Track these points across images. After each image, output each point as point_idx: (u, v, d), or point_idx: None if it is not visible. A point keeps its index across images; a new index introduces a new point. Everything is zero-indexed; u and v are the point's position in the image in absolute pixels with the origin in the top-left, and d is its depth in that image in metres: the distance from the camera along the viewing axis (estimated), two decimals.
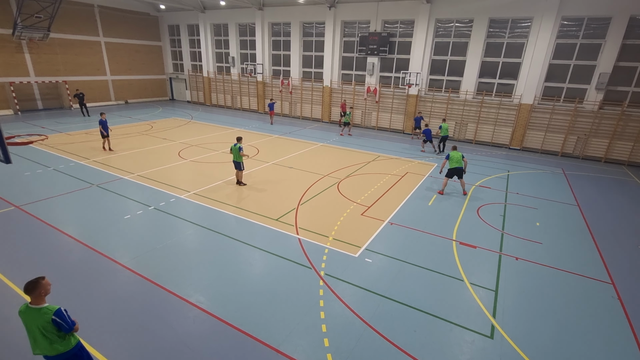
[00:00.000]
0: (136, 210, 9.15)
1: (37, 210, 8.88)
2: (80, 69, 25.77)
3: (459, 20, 18.58)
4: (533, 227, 9.19)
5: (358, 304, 5.92)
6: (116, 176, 11.59)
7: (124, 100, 29.21)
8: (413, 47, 19.92)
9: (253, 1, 23.77)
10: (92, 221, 8.51)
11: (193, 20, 28.39)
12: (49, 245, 7.40)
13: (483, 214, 9.81)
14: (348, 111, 20.49)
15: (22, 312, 3.54)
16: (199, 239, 7.92)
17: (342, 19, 21.83)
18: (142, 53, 29.84)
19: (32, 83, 23.25)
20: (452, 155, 10.96)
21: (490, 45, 18.18)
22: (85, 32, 25.54)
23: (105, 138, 14.29)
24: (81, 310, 5.50)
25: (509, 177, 13.36)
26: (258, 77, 26.26)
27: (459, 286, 6.55)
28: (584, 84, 16.54)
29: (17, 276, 6.30)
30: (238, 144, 10.70)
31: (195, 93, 31.04)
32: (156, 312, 5.56)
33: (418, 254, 7.60)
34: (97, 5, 25.72)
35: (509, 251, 7.91)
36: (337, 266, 6.98)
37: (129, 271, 6.59)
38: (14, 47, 22.07)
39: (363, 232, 8.47)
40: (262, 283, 6.44)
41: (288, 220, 8.93)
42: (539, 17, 16.38)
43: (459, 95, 19.45)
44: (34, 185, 10.58)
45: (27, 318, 3.52)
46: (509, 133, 18.56)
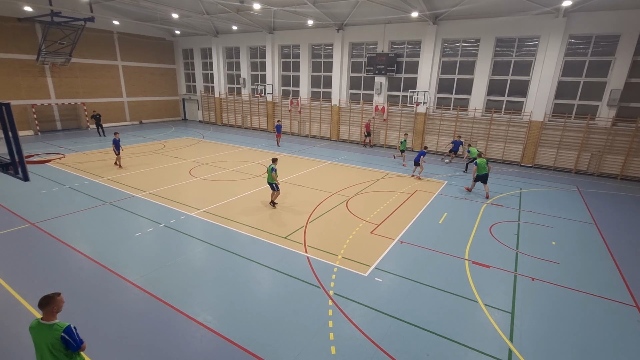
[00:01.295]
0: (147, 228, 9.23)
1: (52, 228, 9.04)
2: (98, 91, 26.78)
3: (466, 40, 18.82)
4: (549, 246, 8.92)
5: (368, 325, 5.77)
6: (129, 194, 11.79)
7: (139, 121, 30.08)
8: (420, 67, 20.17)
9: (264, 25, 24.61)
10: (104, 238, 8.61)
11: (206, 44, 29.45)
12: (61, 262, 7.48)
13: (496, 233, 9.59)
14: (403, 138, 17.93)
15: (32, 328, 3.54)
16: (207, 257, 7.91)
17: (350, 40, 22.35)
18: (157, 75, 30.93)
19: (52, 105, 24.21)
20: (479, 162, 12.19)
21: (498, 63, 18.30)
22: (104, 56, 26.70)
23: (117, 156, 15.04)
24: (90, 327, 5.49)
25: (521, 195, 13.12)
26: (268, 98, 26.82)
27: (473, 308, 6.34)
28: (596, 100, 16.39)
29: (29, 293, 6.36)
30: (272, 164, 10.64)
31: (207, 113, 31.80)
32: (164, 331, 5.50)
33: (430, 273, 7.42)
34: (116, 32, 26.97)
35: (525, 271, 7.67)
36: (347, 285, 6.85)
37: (138, 289, 6.58)
38: (38, 72, 23.15)
39: (373, 250, 8.34)
40: (270, 302, 6.34)
41: (297, 238, 8.87)
42: (545, 36, 16.49)
43: (468, 113, 19.46)
44: (49, 202, 10.82)
45: (36, 334, 3.51)
46: (520, 150, 18.37)
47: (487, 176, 12.44)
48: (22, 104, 22.49)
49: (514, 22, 17.06)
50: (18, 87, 22.37)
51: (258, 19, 23.68)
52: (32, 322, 3.58)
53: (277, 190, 10.86)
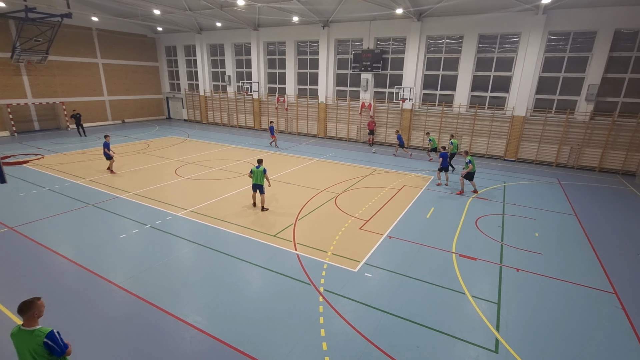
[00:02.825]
0: (132, 229, 9.04)
1: (32, 232, 8.75)
2: (78, 90, 25.97)
3: (450, 36, 19.06)
4: (532, 238, 9.16)
5: (359, 320, 5.81)
6: (112, 195, 11.51)
7: (121, 120, 29.34)
8: (406, 63, 20.32)
9: (248, 22, 24.31)
10: (87, 241, 8.39)
11: (190, 41, 28.91)
12: (42, 266, 7.25)
13: (482, 226, 9.78)
14: (432, 136, 17.99)
15: (13, 335, 3.43)
16: (195, 257, 7.81)
17: (336, 37, 22.32)
18: (139, 73, 30.19)
19: (29, 105, 23.35)
20: (473, 160, 12.13)
21: (481, 60, 18.60)
22: (83, 54, 25.88)
23: (110, 160, 13.99)
24: (75, 332, 5.35)
25: (505, 188, 13.41)
26: (254, 95, 26.57)
27: (461, 299, 6.46)
28: (574, 95, 16.87)
29: (8, 299, 6.15)
30: (261, 166, 10.28)
31: (192, 111, 31.28)
32: (152, 334, 5.41)
33: (418, 267, 7.52)
34: (95, 29, 26.17)
35: (510, 262, 7.85)
36: (337, 282, 6.88)
37: (124, 291, 6.45)
38: (12, 70, 22.27)
39: (362, 246, 8.40)
40: (260, 301, 6.31)
41: (286, 236, 8.85)
42: (526, 33, 16.84)
43: (453, 109, 19.73)
44: (28, 205, 10.47)
45: (18, 341, 3.40)
46: (504, 145, 18.76)
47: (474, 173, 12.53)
48: None
49: (496, 19, 17.36)
50: None
51: (242, 15, 23.36)
52: (13, 328, 3.46)
53: (263, 192, 10.55)
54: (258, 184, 10.31)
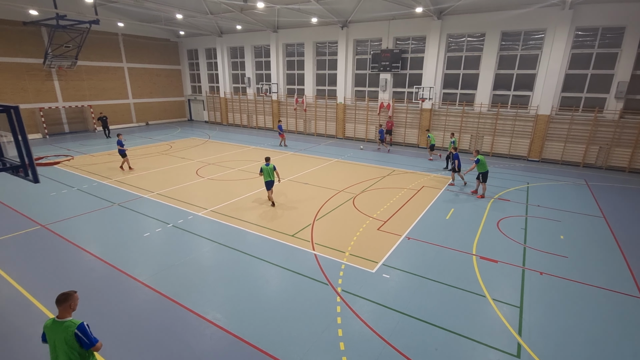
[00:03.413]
0: (155, 228, 9.34)
1: (62, 229, 9.18)
2: (105, 94, 27.04)
3: (471, 34, 18.66)
4: (557, 241, 8.85)
5: (376, 320, 5.79)
6: (137, 195, 11.92)
7: (145, 122, 30.32)
8: (425, 63, 20.05)
9: (268, 24, 24.62)
10: (113, 239, 8.73)
11: (211, 44, 29.55)
12: (72, 263, 7.61)
13: (503, 227, 9.54)
14: (431, 134, 18.10)
15: (47, 327, 3.58)
16: (215, 256, 7.99)
17: (355, 37, 22.28)
18: (162, 77, 31.12)
19: (59, 108, 24.50)
20: (482, 159, 11.61)
21: (504, 57, 18.12)
22: (109, 59, 26.92)
23: (124, 159, 14.77)
24: (102, 326, 5.58)
25: (528, 189, 13.00)
26: (273, 97, 26.86)
27: (481, 302, 6.33)
28: (603, 93, 16.17)
29: (41, 294, 6.48)
30: (270, 163, 10.68)
31: (213, 113, 31.96)
32: (173, 329, 5.58)
33: (437, 269, 7.42)
34: (121, 34, 27.17)
35: (533, 265, 7.62)
36: (354, 282, 6.88)
37: (148, 288, 6.67)
38: (44, 75, 23.43)
39: (380, 247, 8.35)
40: (278, 300, 6.39)
41: (304, 236, 8.91)
42: (552, 29, 16.29)
43: (474, 108, 19.31)
44: (59, 204, 10.99)
45: (51, 332, 3.53)
46: (527, 144, 18.19)
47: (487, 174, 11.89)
48: (30, 108, 22.81)
49: (520, 15, 16.86)
50: (25, 91, 22.66)
51: (262, 18, 23.69)
52: (47, 321, 3.62)
53: (271, 188, 10.85)
54: (269, 180, 10.67)
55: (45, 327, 3.59)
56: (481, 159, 11.65)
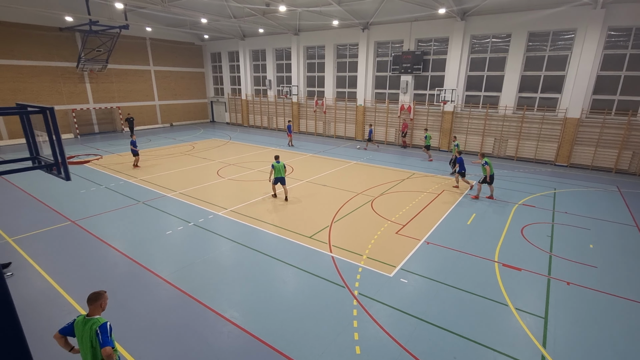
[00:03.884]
0: (177, 226, 9.59)
1: (90, 225, 9.58)
2: (132, 96, 28.09)
3: (496, 35, 18.19)
4: (586, 250, 8.46)
5: (393, 325, 5.71)
6: (160, 194, 12.28)
7: (170, 123, 31.26)
8: (448, 64, 19.70)
9: (289, 27, 24.89)
10: (137, 236, 9.02)
11: (233, 47, 30.16)
12: (98, 258, 7.92)
13: (528, 234, 9.21)
14: (428, 133, 18.43)
15: (77, 323, 3.67)
16: (234, 255, 8.11)
17: (376, 39, 22.17)
18: (187, 79, 32.02)
19: (90, 109, 25.65)
20: (490, 162, 11.63)
21: (531, 59, 17.55)
22: (137, 62, 27.97)
23: (136, 157, 15.83)
24: (124, 320, 5.78)
25: (555, 195, 12.51)
26: (293, 99, 27.09)
27: (503, 311, 6.13)
28: (638, 95, 15.37)
29: (70, 286, 6.78)
30: (281, 161, 11.41)
31: (234, 115, 32.57)
32: (192, 326, 5.70)
33: (457, 275, 7.24)
34: (149, 38, 28.18)
35: (559, 275, 7.32)
36: (372, 286, 6.82)
37: (169, 285, 6.85)
38: (77, 78, 24.60)
39: (398, 251, 8.25)
40: (295, 300, 6.42)
41: (321, 237, 8.92)
42: (583, 29, 15.64)
43: (498, 111, 18.79)
44: (87, 201, 11.48)
45: (80, 329, 3.63)
46: (554, 149, 17.52)
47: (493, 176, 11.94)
48: (63, 109, 23.99)
49: (548, 15, 16.30)
50: (60, 93, 23.86)
51: (284, 21, 23.98)
52: (79, 317, 3.72)
53: (285, 183, 11.53)
54: (281, 176, 11.32)
55: (76, 323, 3.69)
56: (489, 162, 11.63)
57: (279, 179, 11.40)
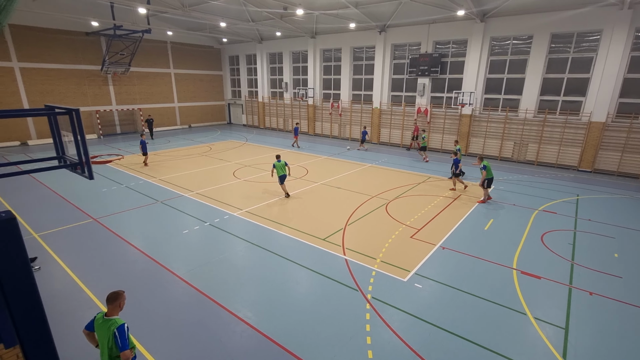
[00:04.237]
0: (193, 226, 9.76)
1: (110, 223, 9.87)
2: (153, 98, 28.87)
3: (517, 37, 17.78)
4: (610, 259, 8.13)
5: (407, 331, 5.64)
6: (178, 193, 12.55)
7: (188, 125, 31.93)
8: (466, 67, 19.38)
9: (306, 30, 25.06)
10: (155, 234, 9.24)
11: (251, 50, 30.60)
12: (118, 255, 8.15)
13: (548, 242, 8.93)
14: (423, 134, 19.28)
15: (97, 321, 3.78)
16: (249, 255, 8.19)
17: (392, 42, 22.05)
18: (205, 82, 32.68)
19: (113, 111, 26.50)
20: (489, 166, 11.56)
21: (553, 61, 17.06)
22: (158, 65, 28.75)
23: (145, 156, 16.57)
24: (142, 316, 5.92)
25: (578, 202, 12.09)
26: (309, 101, 27.22)
27: (521, 320, 5.96)
28: None
29: (92, 283, 7.00)
30: (282, 160, 11.97)
31: (251, 117, 32.98)
32: (207, 324, 5.78)
33: (473, 281, 7.09)
34: (169, 42, 28.93)
35: (582, 284, 7.06)
36: (385, 290, 6.75)
37: (185, 283, 6.98)
38: (101, 81, 25.49)
39: (413, 255, 8.14)
40: (307, 302, 6.42)
41: (335, 240, 8.90)
42: (609, 30, 15.10)
43: (518, 114, 18.33)
44: (108, 200, 11.83)
45: (99, 328, 3.73)
46: (578, 154, 16.94)
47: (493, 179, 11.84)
48: (88, 110, 24.86)
49: (572, 16, 15.82)
50: (85, 95, 24.77)
51: (301, 24, 24.16)
52: (98, 314, 3.82)
53: (283, 182, 12.00)
54: (283, 175, 11.82)
55: (95, 321, 3.80)
56: (487, 165, 11.56)
57: (281, 177, 11.90)
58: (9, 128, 21.79)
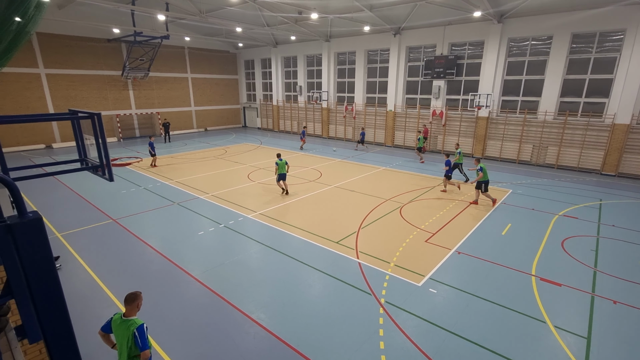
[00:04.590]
0: (209, 227, 9.91)
1: (129, 223, 10.13)
2: (170, 102, 29.55)
3: (536, 37, 17.39)
4: (635, 266, 7.81)
5: (421, 336, 5.56)
6: (194, 195, 12.77)
7: (204, 128, 32.51)
8: (483, 68, 19.07)
9: (320, 34, 25.19)
10: (171, 235, 9.42)
11: (266, 54, 30.97)
12: (135, 255, 8.35)
13: (569, 248, 8.65)
14: (420, 136, 19.60)
15: (115, 322, 3.86)
16: (262, 257, 8.25)
17: (407, 44, 21.91)
18: (221, 86, 33.26)
19: (132, 115, 27.25)
20: (485, 168, 11.43)
21: (574, 61, 16.60)
22: (176, 70, 29.44)
23: (153, 157, 17.04)
24: (157, 316, 6.04)
25: (601, 207, 11.67)
26: (323, 104, 27.30)
27: (540, 328, 5.78)
28: None
29: (111, 281, 7.19)
30: (283, 159, 12.57)
31: (265, 120, 33.31)
32: (220, 325, 5.85)
33: (490, 287, 6.93)
34: (187, 47, 29.60)
35: (605, 293, 6.80)
36: (399, 294, 6.68)
37: (200, 284, 7.09)
38: (122, 86, 26.28)
39: (427, 260, 8.03)
40: (320, 305, 6.42)
41: (348, 243, 8.87)
42: (633, 29, 14.59)
43: (537, 116, 17.89)
44: (127, 201, 12.15)
45: (117, 328, 3.81)
46: (600, 157, 16.38)
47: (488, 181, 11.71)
48: (109, 114, 25.64)
49: (594, 15, 15.37)
50: (106, 100, 25.57)
51: (315, 28, 24.32)
52: (116, 315, 3.90)
53: (285, 179, 12.63)
54: (283, 173, 12.45)
55: (113, 321, 3.88)
56: (483, 167, 11.41)
57: (282, 175, 12.48)
58: (36, 132, 22.70)
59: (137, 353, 3.71)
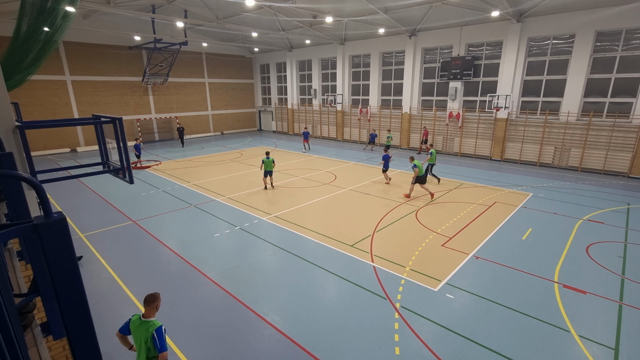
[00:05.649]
0: (225, 230, 10.04)
1: (148, 225, 10.37)
2: (188, 106, 30.22)
3: (557, 36, 16.92)
4: None
5: (437, 343, 5.44)
6: (210, 198, 12.97)
7: (220, 132, 33.06)
8: (501, 69, 18.67)
9: (335, 37, 25.26)
10: (189, 237, 9.59)
11: (281, 58, 31.28)
12: (154, 256, 8.53)
13: (595, 254, 8.32)
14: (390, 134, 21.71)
15: (133, 322, 3.90)
16: (277, 260, 8.29)
17: (423, 46, 21.71)
18: (237, 90, 33.79)
19: (152, 119, 27.98)
20: (418, 164, 12.34)
21: (599, 60, 16.04)
22: (194, 75, 30.11)
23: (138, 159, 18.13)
24: (175, 316, 6.14)
25: (629, 211, 11.19)
26: (338, 107, 27.31)
27: (564, 338, 5.57)
28: None
29: (128, 280, 7.37)
30: (270, 157, 13.46)
31: (280, 123, 33.59)
32: (236, 327, 5.90)
33: (510, 294, 6.73)
34: (204, 53, 30.24)
35: (634, 301, 6.50)
36: (415, 299, 6.57)
37: (216, 285, 7.17)
38: (142, 91, 27.05)
39: (444, 264, 7.88)
40: (335, 309, 6.38)
41: (363, 246, 8.81)
42: None
43: (559, 117, 17.35)
44: (147, 203, 12.45)
45: (136, 329, 3.86)
46: (628, 159, 15.72)
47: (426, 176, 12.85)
48: (129, 119, 26.42)
49: (620, 12, 14.83)
50: (127, 105, 26.37)
51: (330, 31, 24.41)
52: (134, 316, 3.95)
53: (272, 175, 13.67)
54: (269, 170, 13.46)
55: (132, 322, 3.93)
56: (417, 164, 12.31)
57: (267, 172, 13.45)
58: (61, 136, 23.62)
59: (156, 354, 3.77)
